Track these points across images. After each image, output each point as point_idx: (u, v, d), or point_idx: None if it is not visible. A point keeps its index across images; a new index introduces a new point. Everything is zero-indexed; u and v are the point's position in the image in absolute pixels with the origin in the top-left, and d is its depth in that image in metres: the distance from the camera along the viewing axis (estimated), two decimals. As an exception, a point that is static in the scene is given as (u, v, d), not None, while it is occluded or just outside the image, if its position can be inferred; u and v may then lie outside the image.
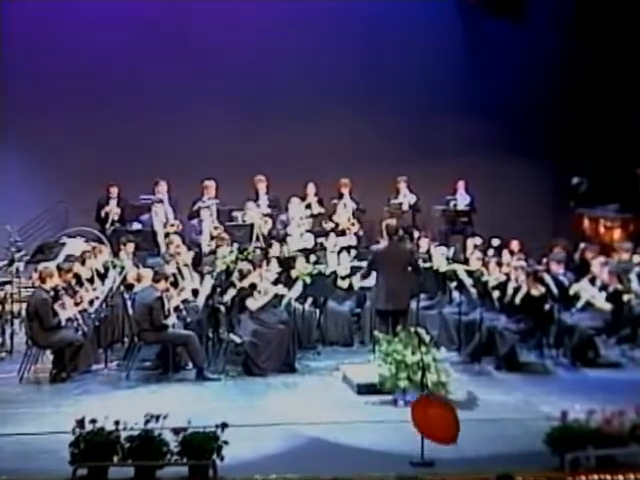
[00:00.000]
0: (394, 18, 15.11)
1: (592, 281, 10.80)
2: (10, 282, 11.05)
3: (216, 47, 14.66)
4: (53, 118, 14.18)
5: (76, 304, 9.83)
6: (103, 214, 13.09)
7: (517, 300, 10.27)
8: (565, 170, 15.02)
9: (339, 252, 12.12)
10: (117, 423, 6.64)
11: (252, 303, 10.09)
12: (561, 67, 15.18)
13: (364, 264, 10.82)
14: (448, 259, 11.49)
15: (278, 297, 10.47)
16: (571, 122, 15.07)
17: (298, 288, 10.70)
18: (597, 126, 14.91)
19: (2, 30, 14.24)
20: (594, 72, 15.02)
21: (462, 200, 14.00)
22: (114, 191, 13.20)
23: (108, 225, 12.94)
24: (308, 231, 12.73)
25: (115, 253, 11.40)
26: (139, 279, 10.36)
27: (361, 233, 13.31)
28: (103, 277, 10.65)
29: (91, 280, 10.48)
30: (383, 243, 10.03)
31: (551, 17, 15.03)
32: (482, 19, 15.16)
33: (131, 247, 11.45)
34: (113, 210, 13.09)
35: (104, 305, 10.26)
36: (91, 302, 10.12)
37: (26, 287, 11.33)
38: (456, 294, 11.30)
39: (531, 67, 15.09)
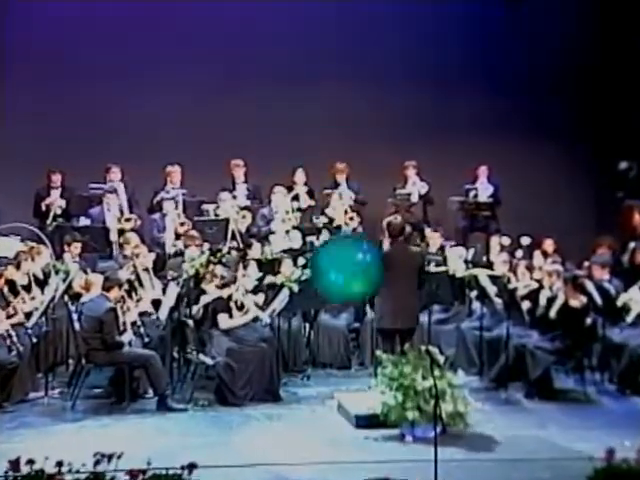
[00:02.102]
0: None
1: (644, 289, 10.85)
2: None
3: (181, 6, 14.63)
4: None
5: (9, 317, 9.83)
6: (43, 207, 13.08)
7: (552, 313, 10.31)
8: (610, 153, 15.02)
9: (334, 253, 12.11)
10: (60, 464, 6.57)
11: (224, 320, 10.07)
12: (602, 35, 15.22)
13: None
14: (467, 262, 11.54)
15: (259, 308, 10.48)
16: (614, 96, 15.08)
17: (283, 298, 10.68)
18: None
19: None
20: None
21: (484, 190, 14.01)
22: (57, 179, 13.20)
23: (49, 220, 12.92)
24: (296, 228, 12.74)
25: (58, 255, 11.39)
26: (87, 287, 10.31)
27: (360, 230, 13.30)
28: (43, 284, 10.64)
29: (28, 288, 10.47)
30: (385, 245, 10.00)
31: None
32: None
33: (77, 247, 11.48)
34: (56, 202, 13.07)
35: (44, 319, 10.25)
36: (28, 315, 10.12)
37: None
38: (477, 305, 11.34)
39: (566, 33, 15.13)
